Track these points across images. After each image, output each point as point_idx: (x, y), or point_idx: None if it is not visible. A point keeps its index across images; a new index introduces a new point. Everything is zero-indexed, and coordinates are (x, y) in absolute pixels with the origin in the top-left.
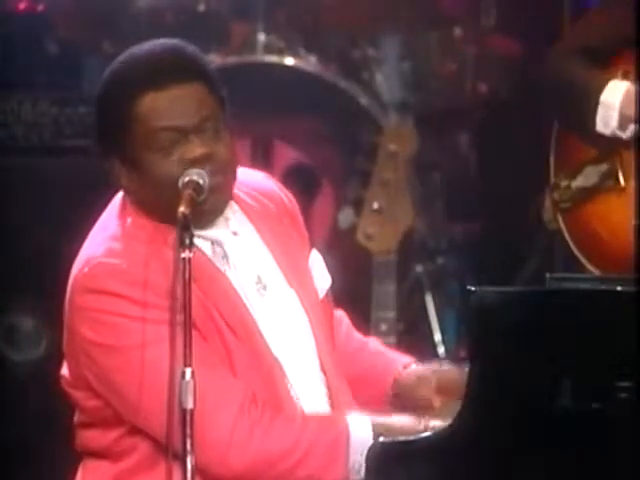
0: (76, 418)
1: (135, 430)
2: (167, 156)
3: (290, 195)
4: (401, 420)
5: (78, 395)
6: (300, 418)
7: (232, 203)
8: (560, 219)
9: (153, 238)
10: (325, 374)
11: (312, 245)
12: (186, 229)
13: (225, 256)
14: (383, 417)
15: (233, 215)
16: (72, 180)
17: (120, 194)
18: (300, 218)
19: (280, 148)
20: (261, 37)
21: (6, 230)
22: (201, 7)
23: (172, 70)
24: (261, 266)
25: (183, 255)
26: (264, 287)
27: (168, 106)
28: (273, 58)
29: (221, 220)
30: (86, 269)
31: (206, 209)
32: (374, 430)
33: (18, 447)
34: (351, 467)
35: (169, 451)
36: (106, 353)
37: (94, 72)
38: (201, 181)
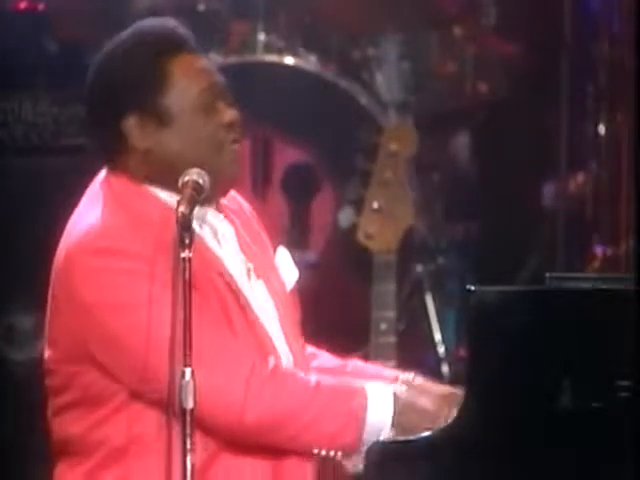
0: (56, 403)
1: (112, 415)
2: (206, 118)
3: (244, 200)
4: (425, 402)
5: (71, 371)
6: (315, 382)
7: None
8: None
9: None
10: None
11: (273, 246)
12: (187, 229)
13: (215, 234)
14: (407, 394)
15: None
16: (72, 180)
17: (98, 179)
18: (258, 221)
19: (280, 148)
20: (261, 37)
21: (6, 230)
22: (201, 7)
23: (190, 39)
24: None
25: (183, 255)
26: (248, 270)
27: (202, 68)
28: (273, 58)
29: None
30: (91, 234)
31: (228, 180)
32: (395, 406)
33: (17, 446)
34: (363, 442)
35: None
36: (113, 312)
37: None
38: (201, 181)
